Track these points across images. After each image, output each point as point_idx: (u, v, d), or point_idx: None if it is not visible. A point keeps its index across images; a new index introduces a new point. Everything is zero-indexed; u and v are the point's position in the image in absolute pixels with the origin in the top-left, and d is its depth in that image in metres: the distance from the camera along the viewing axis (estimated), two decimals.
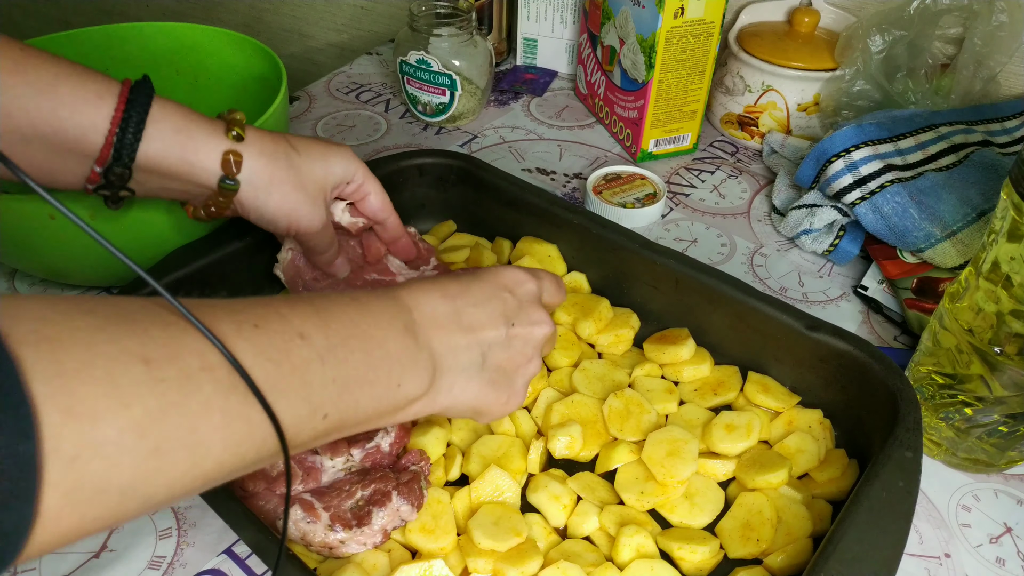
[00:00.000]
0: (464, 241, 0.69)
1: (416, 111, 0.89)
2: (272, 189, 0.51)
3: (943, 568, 0.49)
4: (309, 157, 0.53)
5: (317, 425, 0.34)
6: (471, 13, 0.84)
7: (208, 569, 0.48)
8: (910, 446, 0.45)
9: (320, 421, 0.34)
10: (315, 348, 0.34)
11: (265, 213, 0.52)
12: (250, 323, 0.32)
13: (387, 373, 0.37)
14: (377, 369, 0.37)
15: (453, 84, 0.84)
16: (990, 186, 0.66)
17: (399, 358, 0.38)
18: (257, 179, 0.51)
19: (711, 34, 0.76)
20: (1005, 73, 0.78)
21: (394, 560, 0.46)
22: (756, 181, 0.82)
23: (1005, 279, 0.45)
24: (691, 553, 0.46)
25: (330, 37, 1.34)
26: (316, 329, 0.34)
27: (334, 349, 0.35)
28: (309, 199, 0.53)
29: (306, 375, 0.33)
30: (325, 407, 0.34)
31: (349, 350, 0.36)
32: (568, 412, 0.54)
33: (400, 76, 0.87)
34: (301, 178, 0.52)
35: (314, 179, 0.53)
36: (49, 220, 0.54)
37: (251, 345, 0.31)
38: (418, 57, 0.83)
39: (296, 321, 0.34)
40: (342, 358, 0.35)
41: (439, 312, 0.41)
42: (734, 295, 0.56)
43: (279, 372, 0.32)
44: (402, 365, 0.38)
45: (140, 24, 0.75)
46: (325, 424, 0.35)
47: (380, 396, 0.37)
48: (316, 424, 0.34)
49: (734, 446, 0.52)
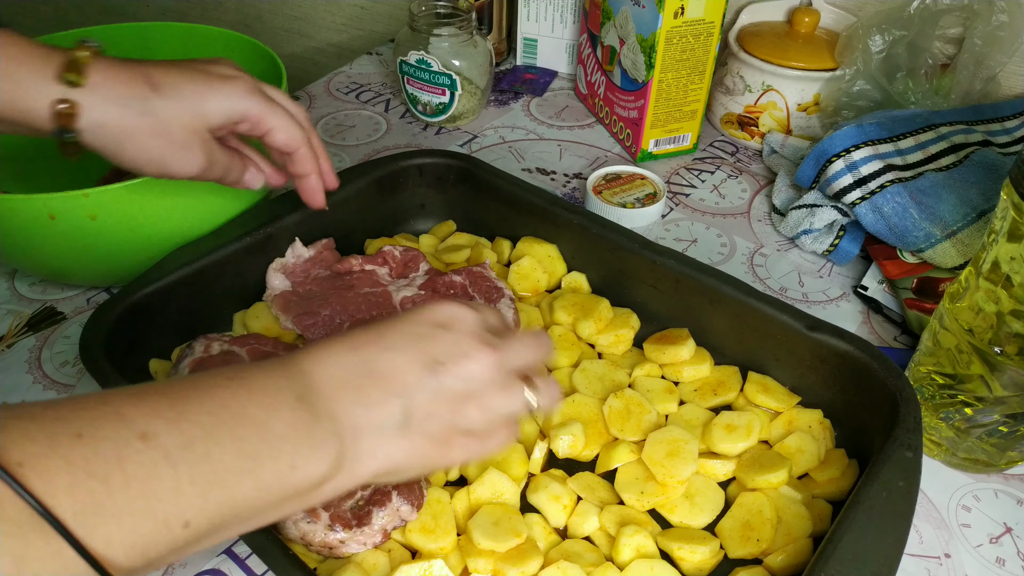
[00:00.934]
0: (464, 241, 0.69)
1: (416, 111, 0.89)
2: (124, 140, 0.45)
3: (943, 568, 0.49)
4: (176, 98, 0.46)
5: (177, 536, 0.30)
6: (471, 13, 0.84)
7: (208, 569, 0.48)
8: (910, 446, 0.45)
9: (180, 531, 0.30)
10: (161, 449, 0.29)
11: (123, 163, 0.46)
12: (70, 433, 0.28)
13: (272, 457, 0.32)
14: (256, 456, 0.32)
15: (453, 84, 0.84)
16: (990, 186, 0.66)
17: (288, 436, 0.33)
18: (103, 130, 0.44)
19: (711, 34, 0.76)
20: (1005, 73, 0.78)
21: (394, 560, 0.46)
22: (756, 181, 0.82)
23: (1005, 279, 0.45)
24: (691, 553, 0.46)
25: (330, 37, 1.34)
26: (166, 425, 0.30)
27: (191, 445, 0.30)
28: (176, 145, 0.46)
29: (149, 484, 0.28)
30: (183, 515, 0.30)
31: (214, 442, 0.31)
32: (569, 412, 0.54)
33: (400, 76, 0.87)
34: (162, 124, 0.45)
35: (182, 124, 0.46)
36: (49, 220, 0.54)
37: (65, 463, 0.27)
38: (418, 57, 0.83)
39: (139, 420, 0.29)
40: (203, 453, 0.30)
41: (344, 368, 0.36)
42: (734, 295, 0.56)
43: (106, 490, 0.27)
44: (294, 444, 0.33)
45: (140, 24, 0.75)
46: (190, 532, 0.30)
47: (269, 485, 0.32)
48: (174, 536, 0.30)
49: (734, 446, 0.52)
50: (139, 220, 0.56)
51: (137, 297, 0.54)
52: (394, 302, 0.60)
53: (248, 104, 0.48)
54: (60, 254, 0.58)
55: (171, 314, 0.57)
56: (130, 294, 0.54)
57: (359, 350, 0.37)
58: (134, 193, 0.54)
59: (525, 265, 0.65)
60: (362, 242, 0.69)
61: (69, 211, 0.53)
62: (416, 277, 0.63)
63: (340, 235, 0.66)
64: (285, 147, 0.52)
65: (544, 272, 0.65)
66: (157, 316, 0.56)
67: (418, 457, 0.37)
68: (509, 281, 0.64)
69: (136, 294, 0.54)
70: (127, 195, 0.54)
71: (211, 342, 0.55)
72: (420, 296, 0.61)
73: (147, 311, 0.55)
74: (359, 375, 0.36)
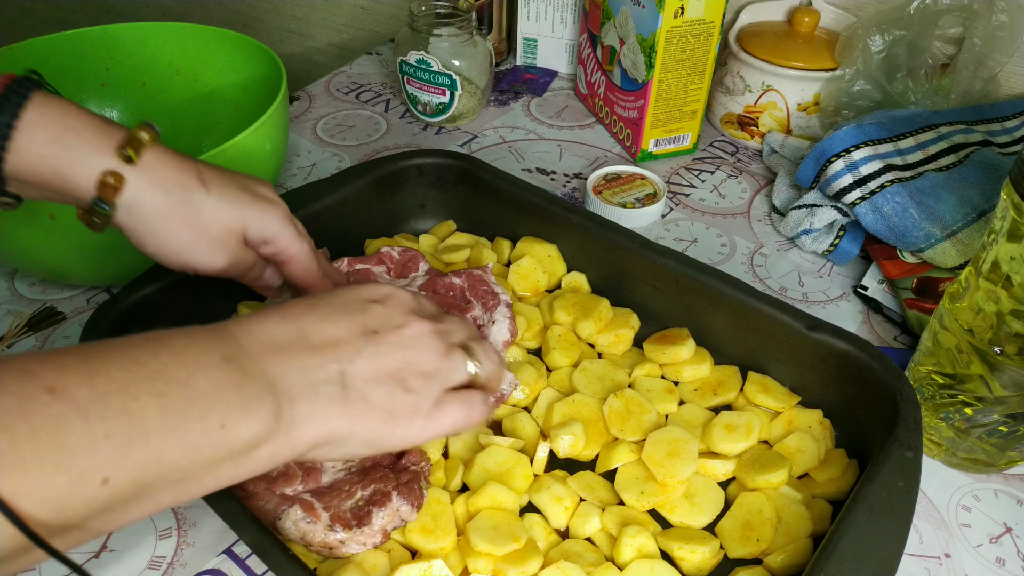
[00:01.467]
0: (464, 241, 0.69)
1: (416, 111, 0.89)
2: (157, 224, 0.45)
3: (943, 568, 0.49)
4: (222, 199, 0.46)
5: (96, 493, 0.29)
6: (471, 13, 0.84)
7: (208, 569, 0.48)
8: (910, 446, 0.45)
9: (99, 488, 0.29)
10: (72, 402, 0.28)
11: (146, 247, 0.46)
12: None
13: (200, 416, 0.31)
14: (181, 414, 0.31)
15: (453, 84, 0.84)
16: (990, 186, 0.66)
17: (215, 395, 0.32)
18: (140, 209, 0.44)
19: (711, 34, 0.76)
20: (1005, 73, 0.78)
21: (394, 560, 0.46)
22: (756, 181, 0.82)
23: (1005, 279, 0.45)
24: (691, 553, 0.46)
25: (330, 37, 1.34)
26: (77, 379, 0.29)
27: (104, 399, 0.29)
28: (209, 239, 0.46)
29: (58, 437, 0.28)
30: (100, 470, 0.29)
31: (130, 396, 0.30)
32: (569, 412, 0.54)
33: (400, 76, 0.87)
34: (201, 218, 0.46)
35: (221, 222, 0.46)
36: (50, 220, 0.54)
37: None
38: (418, 57, 0.83)
39: (47, 375, 0.29)
40: (119, 408, 0.29)
41: (277, 335, 0.35)
42: (734, 295, 0.56)
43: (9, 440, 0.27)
44: (222, 402, 0.32)
45: (140, 24, 0.75)
46: (111, 490, 0.29)
47: (198, 444, 0.31)
48: (93, 492, 0.29)
49: (734, 446, 0.52)
50: None
51: (137, 297, 0.54)
52: None
53: (282, 230, 0.49)
54: (60, 254, 0.58)
55: (171, 314, 0.57)
56: (130, 294, 0.54)
57: (293, 319, 0.36)
58: None
59: (525, 265, 0.65)
60: (362, 242, 0.69)
61: (69, 211, 0.53)
62: (416, 277, 0.63)
63: (340, 235, 0.66)
64: (301, 281, 0.52)
65: (544, 272, 0.65)
66: (157, 316, 0.56)
67: (362, 429, 0.37)
68: (509, 281, 0.64)
69: (136, 294, 0.54)
70: None
71: None
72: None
73: (147, 311, 0.55)
74: (292, 341, 0.36)
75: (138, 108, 0.76)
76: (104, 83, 0.75)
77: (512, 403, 0.56)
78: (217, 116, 0.78)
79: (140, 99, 0.77)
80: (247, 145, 0.60)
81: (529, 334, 0.61)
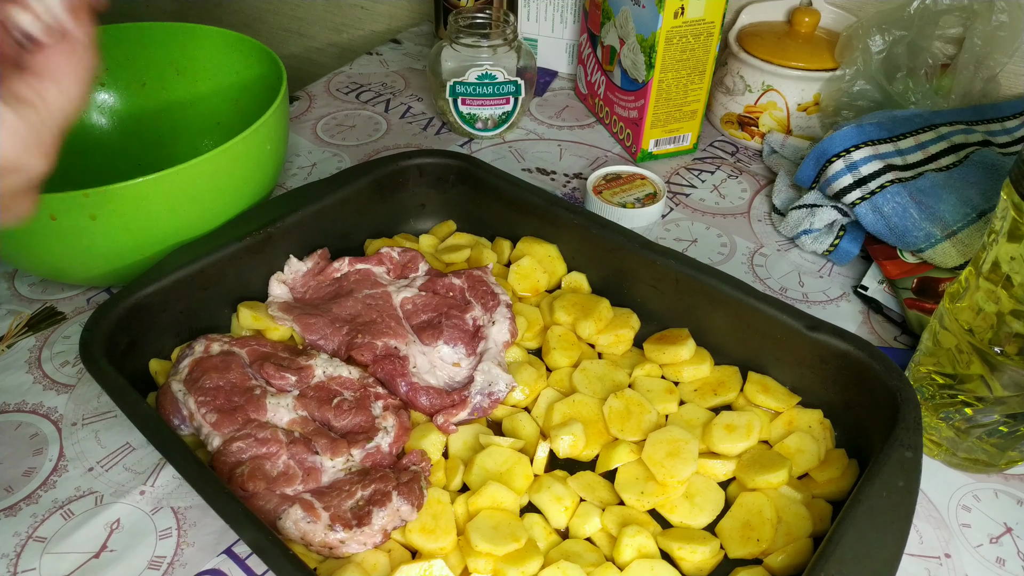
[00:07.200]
0: (464, 241, 0.69)
1: (472, 129, 0.86)
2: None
3: (943, 568, 0.49)
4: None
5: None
6: (508, 15, 0.83)
7: (208, 569, 0.48)
8: (910, 446, 0.45)
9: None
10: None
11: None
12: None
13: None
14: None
15: (518, 89, 0.83)
16: (990, 186, 0.66)
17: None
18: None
19: (711, 34, 0.76)
20: (1005, 73, 0.78)
21: (394, 560, 0.46)
22: (756, 181, 0.82)
23: (1005, 279, 0.45)
24: (691, 553, 0.46)
25: (330, 37, 1.34)
26: None
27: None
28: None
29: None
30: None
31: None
32: (569, 412, 0.54)
33: (449, 100, 0.84)
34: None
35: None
36: (49, 220, 0.54)
37: None
38: (479, 73, 0.81)
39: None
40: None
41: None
42: (734, 295, 0.56)
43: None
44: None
45: (140, 24, 0.75)
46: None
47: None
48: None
49: (734, 446, 0.52)
50: (139, 220, 0.56)
51: (137, 297, 0.54)
52: (394, 303, 0.60)
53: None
54: (60, 254, 0.58)
55: (171, 314, 0.57)
56: (130, 294, 0.54)
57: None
58: (134, 193, 0.54)
59: (525, 265, 0.65)
60: (362, 242, 0.69)
61: (69, 211, 0.53)
62: (416, 278, 0.63)
63: (340, 235, 0.66)
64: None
65: (544, 272, 0.65)
66: (157, 316, 0.56)
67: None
68: (509, 281, 0.64)
69: (136, 294, 0.54)
70: (127, 195, 0.54)
71: (211, 342, 0.55)
72: (420, 297, 0.61)
73: (147, 311, 0.55)
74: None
75: (138, 108, 0.77)
76: (104, 83, 0.75)
77: (512, 403, 0.56)
78: (217, 116, 0.77)
79: (140, 99, 0.77)
80: (247, 145, 0.60)
81: (529, 334, 0.61)
